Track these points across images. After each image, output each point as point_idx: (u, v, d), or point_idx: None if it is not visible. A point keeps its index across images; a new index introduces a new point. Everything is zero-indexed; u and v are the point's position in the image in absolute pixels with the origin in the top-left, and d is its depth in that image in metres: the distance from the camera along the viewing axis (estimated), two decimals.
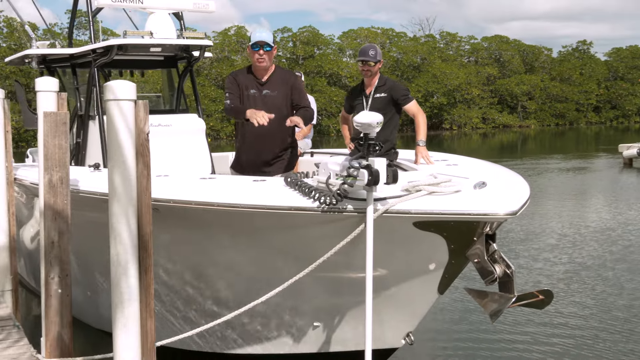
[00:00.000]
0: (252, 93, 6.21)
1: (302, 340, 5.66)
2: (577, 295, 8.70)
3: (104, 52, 8.00)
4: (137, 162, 3.53)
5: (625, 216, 14.69)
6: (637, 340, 7.16)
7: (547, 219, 13.92)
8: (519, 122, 62.20)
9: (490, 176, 5.05)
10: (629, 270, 9.87)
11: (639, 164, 25.79)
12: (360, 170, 4.24)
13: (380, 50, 6.49)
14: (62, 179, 4.71)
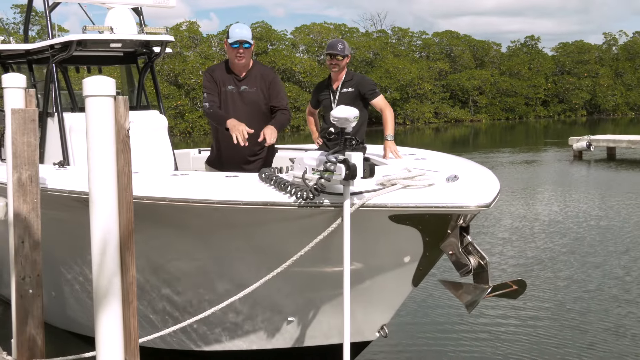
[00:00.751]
0: (229, 89, 6.18)
1: (276, 336, 5.69)
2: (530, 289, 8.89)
3: (63, 48, 7.87)
4: (118, 159, 3.49)
5: (579, 208, 15.05)
6: (587, 330, 7.36)
7: (501, 212, 14.18)
8: (471, 117, 62.98)
9: (461, 170, 5.13)
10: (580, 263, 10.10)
11: (589, 157, 26.42)
12: (337, 164, 4.27)
13: (349, 45, 6.53)
14: (31, 177, 4.66)
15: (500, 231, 12.50)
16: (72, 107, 8.74)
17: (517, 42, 74.84)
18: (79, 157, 7.49)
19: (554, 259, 10.33)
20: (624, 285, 8.86)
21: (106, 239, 3.53)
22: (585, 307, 8.02)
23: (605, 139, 27.27)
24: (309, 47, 60.50)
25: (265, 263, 4.88)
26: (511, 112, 65.41)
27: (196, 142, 40.02)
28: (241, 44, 6.07)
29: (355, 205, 4.41)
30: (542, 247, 11.17)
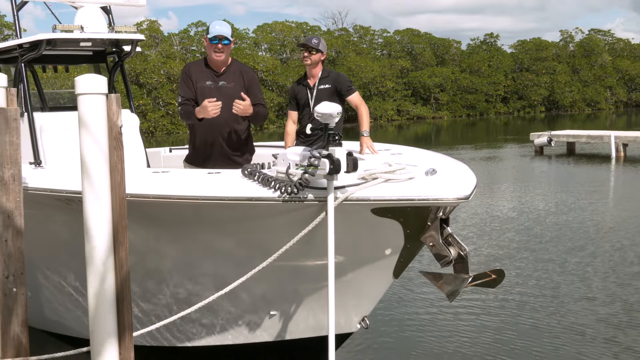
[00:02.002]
0: (207, 85, 6.19)
1: (259, 329, 5.74)
2: None
3: (32, 47, 7.79)
4: (111, 156, 3.53)
5: (542, 204, 15.35)
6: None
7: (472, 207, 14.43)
8: (432, 114, 63.59)
9: (438, 164, 5.22)
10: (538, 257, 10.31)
11: (550, 152, 26.92)
12: (321, 159, 4.36)
13: (325, 44, 6.60)
14: (14, 176, 4.63)
15: (468, 225, 12.72)
16: (42, 107, 8.66)
17: (476, 40, 75.89)
18: (50, 157, 7.44)
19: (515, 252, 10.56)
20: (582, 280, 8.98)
21: (100, 235, 3.56)
22: (541, 302, 8.13)
23: (565, 134, 27.75)
24: (271, 46, 60.52)
25: (250, 258, 4.93)
26: (472, 109, 66.19)
27: (159, 141, 39.72)
28: (220, 39, 6.12)
29: (339, 199, 4.48)
30: (508, 240, 11.41)
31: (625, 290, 8.36)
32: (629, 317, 7.38)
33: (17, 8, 8.34)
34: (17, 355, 4.70)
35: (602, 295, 8.17)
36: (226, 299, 5.21)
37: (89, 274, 3.60)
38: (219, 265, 5.34)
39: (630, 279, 8.83)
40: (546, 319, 7.40)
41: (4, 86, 4.85)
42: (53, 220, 5.93)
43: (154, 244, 5.48)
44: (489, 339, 6.92)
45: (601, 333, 6.94)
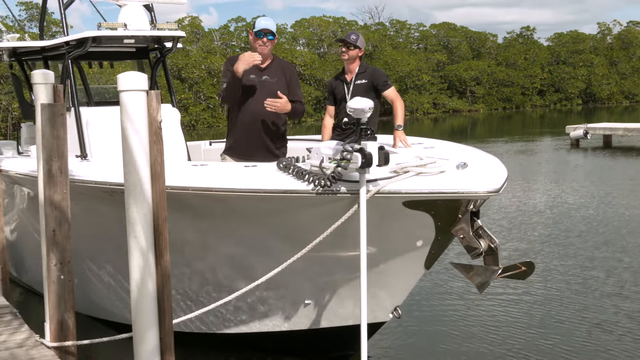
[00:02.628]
0: (251, 77, 6.21)
1: (294, 318, 5.80)
2: None
3: (78, 45, 7.93)
4: (151, 150, 3.60)
5: (577, 196, 15.10)
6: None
7: (505, 200, 14.31)
8: (468, 107, 62.89)
9: (469, 157, 5.21)
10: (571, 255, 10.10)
11: (586, 145, 26.44)
12: (353, 153, 4.39)
13: (363, 39, 6.60)
14: (61, 169, 4.74)
15: (499, 218, 12.62)
16: (88, 101, 8.83)
17: (512, 33, 74.76)
18: (96, 150, 7.58)
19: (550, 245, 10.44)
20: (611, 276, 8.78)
21: (141, 226, 3.64)
22: (568, 296, 8.00)
23: (602, 127, 27.25)
24: (308, 41, 60.38)
25: (284, 249, 4.99)
26: (508, 101, 65.33)
27: (200, 134, 40.00)
28: (265, 34, 6.17)
29: (371, 192, 4.51)
30: (539, 234, 11.26)
31: None
32: None
33: (64, 6, 8.50)
34: (65, 339, 4.83)
35: (631, 292, 7.97)
36: (262, 288, 5.27)
37: (131, 263, 3.69)
38: (254, 256, 5.40)
39: None
40: (574, 315, 7.28)
41: (52, 82, 4.96)
42: (97, 212, 6.06)
43: (193, 235, 5.57)
44: (517, 333, 6.84)
45: (630, 330, 6.78)
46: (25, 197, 7.65)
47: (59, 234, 4.74)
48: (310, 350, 6.03)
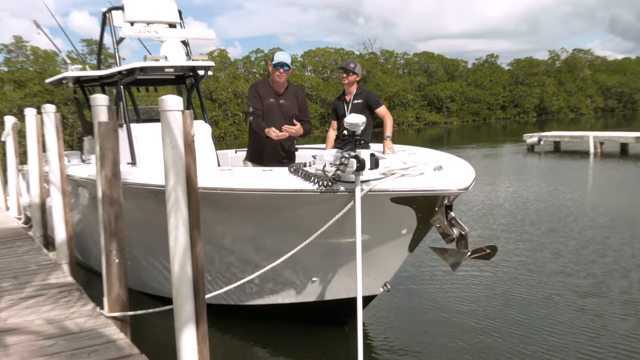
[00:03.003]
0: (270, 102, 6.25)
1: (303, 292, 5.80)
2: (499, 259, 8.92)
3: (128, 73, 7.95)
4: (186, 158, 3.61)
5: (532, 191, 15.07)
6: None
7: (473, 195, 14.26)
8: (444, 120, 62.62)
9: (443, 161, 5.21)
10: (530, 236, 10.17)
11: (539, 149, 26.37)
12: (350, 159, 4.39)
13: (360, 67, 6.60)
14: (115, 174, 4.76)
15: (468, 210, 12.59)
16: (137, 119, 8.83)
17: (480, 60, 74.38)
18: (143, 158, 7.59)
19: (508, 232, 10.41)
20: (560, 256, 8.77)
21: (179, 220, 3.65)
22: (523, 274, 7.94)
23: (552, 135, 27.18)
24: (315, 68, 60.36)
25: (295, 236, 4.99)
26: (476, 115, 65.13)
27: (228, 144, 39.95)
28: (282, 66, 6.19)
29: (364, 190, 4.52)
30: (500, 223, 11.21)
31: (594, 265, 8.11)
32: (595, 287, 7.15)
33: (117, 42, 8.52)
34: (119, 310, 4.84)
35: (574, 270, 7.93)
36: (278, 268, 5.29)
37: (171, 248, 3.69)
38: (271, 242, 5.40)
39: (597, 256, 8.56)
40: (528, 289, 7.23)
41: (107, 104, 4.97)
42: (144, 208, 6.08)
43: (221, 226, 5.58)
44: (482, 304, 6.82)
45: (574, 301, 6.76)
46: (87, 196, 7.67)
47: (115, 226, 4.76)
48: (316, 318, 6.02)
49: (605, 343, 5.59)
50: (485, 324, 6.17)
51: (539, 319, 6.26)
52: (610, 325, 5.99)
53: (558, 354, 5.39)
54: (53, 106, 6.96)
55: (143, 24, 8.03)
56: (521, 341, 5.69)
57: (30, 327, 4.75)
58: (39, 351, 4.24)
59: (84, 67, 9.90)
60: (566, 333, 5.85)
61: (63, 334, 4.57)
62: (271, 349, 5.83)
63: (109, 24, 8.47)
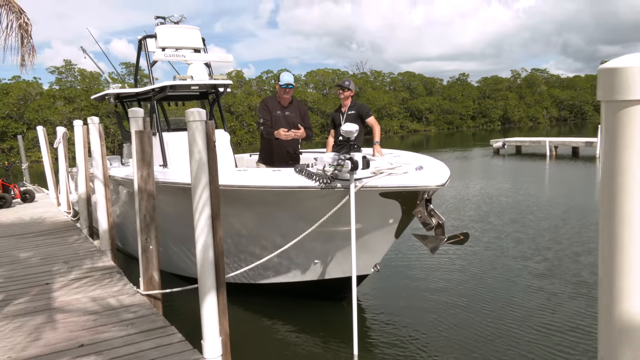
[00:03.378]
0: (278, 114, 6.28)
1: (307, 272, 5.78)
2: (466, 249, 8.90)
3: (160, 90, 7.93)
4: (209, 160, 3.59)
5: (496, 188, 15.05)
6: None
7: (447, 191, 14.24)
8: (424, 128, 62.64)
9: (424, 162, 5.21)
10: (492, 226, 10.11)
11: (503, 152, 26.35)
12: (345, 161, 4.38)
13: (354, 84, 6.56)
14: (149, 174, 4.75)
15: (442, 203, 12.57)
16: (168, 128, 8.80)
17: (453, 78, 74.51)
18: (173, 161, 7.57)
19: (476, 222, 10.38)
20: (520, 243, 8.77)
21: (203, 211, 3.63)
22: (488, 257, 7.93)
23: (515, 140, 27.12)
24: (316, 85, 60.35)
25: (301, 225, 4.98)
26: (450, 124, 65.12)
27: (244, 149, 39.85)
28: (287, 85, 6.21)
29: (358, 187, 4.50)
30: (469, 215, 11.19)
31: (548, 251, 8.06)
32: (550, 270, 7.10)
33: (150, 65, 8.49)
34: (153, 289, 4.83)
35: (531, 255, 7.88)
36: (286, 252, 5.29)
37: (196, 235, 3.67)
38: (281, 230, 5.38)
39: (552, 243, 8.50)
40: (492, 270, 7.20)
41: (142, 116, 4.95)
42: (174, 202, 6.07)
43: (239, 217, 5.56)
44: (454, 283, 6.82)
45: (530, 282, 6.71)
46: (126, 193, 7.65)
47: (149, 217, 4.75)
48: (318, 294, 6.01)
49: (559, 319, 5.55)
50: (458, 299, 6.14)
51: (499, 292, 6.24)
52: (565, 303, 5.95)
53: (519, 326, 5.36)
54: (97, 118, 6.95)
55: (172, 49, 8.01)
56: (488, 314, 5.66)
57: (77, 304, 4.74)
58: (85, 324, 4.23)
59: (123, 86, 9.89)
60: (526, 309, 5.81)
61: (105, 309, 4.56)
62: (280, 320, 5.81)
63: (144, 49, 8.45)
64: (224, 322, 3.79)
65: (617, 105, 1.02)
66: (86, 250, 6.78)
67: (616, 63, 1.04)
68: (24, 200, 11.90)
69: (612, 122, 1.05)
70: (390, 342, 5.07)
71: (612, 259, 1.11)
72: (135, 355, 3.59)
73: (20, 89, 41.83)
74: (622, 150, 1.03)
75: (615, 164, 1.04)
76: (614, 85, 1.03)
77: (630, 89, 1.01)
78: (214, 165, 3.57)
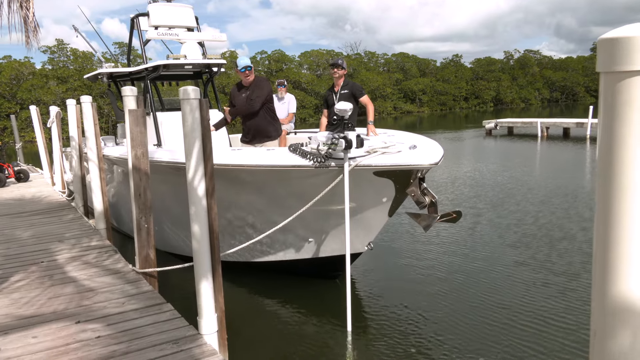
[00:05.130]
0: (241, 96, 6.51)
1: (301, 250, 5.79)
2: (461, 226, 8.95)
3: (154, 70, 7.82)
4: (203, 138, 3.54)
5: (488, 168, 15.08)
6: None
7: (440, 170, 14.26)
8: (417, 109, 62.38)
9: (417, 142, 5.17)
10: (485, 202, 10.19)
11: (496, 133, 26.35)
12: (339, 140, 4.35)
13: (346, 63, 6.50)
14: (143, 153, 4.69)
15: (435, 181, 12.60)
16: (161, 108, 8.70)
17: (447, 59, 73.95)
18: (167, 140, 7.51)
19: (468, 200, 10.43)
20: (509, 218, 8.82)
21: (197, 189, 3.60)
22: (479, 233, 8.00)
23: (507, 121, 27.05)
24: (310, 66, 59.76)
25: (295, 204, 4.96)
26: (444, 105, 64.91)
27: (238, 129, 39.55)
28: (246, 68, 6.36)
29: (351, 165, 4.49)
30: (460, 192, 11.22)
31: (537, 230, 8.08)
32: (535, 249, 7.12)
33: (143, 44, 8.35)
34: (148, 267, 4.82)
35: (517, 236, 7.87)
36: (280, 230, 5.28)
37: (191, 214, 3.65)
38: (275, 208, 5.37)
39: (542, 217, 8.60)
40: (480, 247, 7.24)
41: (135, 95, 4.88)
42: (169, 181, 6.03)
43: (233, 195, 5.54)
44: (445, 256, 6.88)
45: (523, 257, 6.78)
46: (120, 172, 7.59)
47: (143, 196, 4.71)
48: (312, 272, 6.03)
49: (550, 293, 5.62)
50: (450, 275, 6.19)
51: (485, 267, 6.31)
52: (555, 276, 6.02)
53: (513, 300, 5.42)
54: (89, 97, 6.85)
55: (165, 28, 7.88)
56: (481, 290, 5.72)
57: (73, 281, 4.73)
58: (81, 301, 4.22)
59: (116, 65, 9.71)
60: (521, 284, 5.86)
61: (102, 286, 4.55)
62: (275, 298, 5.84)
63: (137, 28, 8.30)
64: (219, 298, 3.79)
65: (617, 77, 1.00)
66: (81, 229, 6.75)
67: (617, 33, 1.01)
68: (18, 180, 11.80)
69: (611, 94, 1.02)
70: (383, 318, 5.12)
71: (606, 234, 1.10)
72: (131, 331, 3.59)
73: (13, 69, 41.17)
74: (620, 122, 1.01)
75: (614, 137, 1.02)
76: (614, 55, 1.00)
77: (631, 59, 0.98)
78: (208, 144, 3.53)
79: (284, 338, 4.82)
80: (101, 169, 6.70)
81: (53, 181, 11.31)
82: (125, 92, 4.85)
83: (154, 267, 4.81)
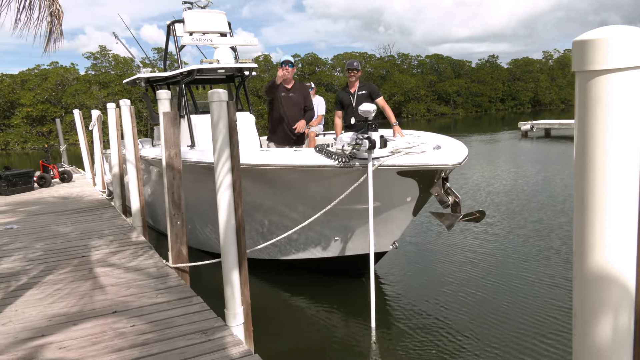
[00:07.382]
0: (282, 95, 6.45)
1: (327, 249, 5.89)
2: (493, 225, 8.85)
3: (188, 74, 8.07)
4: (231, 139, 3.71)
5: (525, 171, 14.78)
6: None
7: (471, 174, 14.07)
8: (452, 111, 61.55)
9: (442, 142, 5.21)
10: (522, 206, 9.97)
11: (532, 135, 25.75)
12: (363, 140, 4.45)
13: (360, 64, 6.57)
14: (176, 154, 4.90)
15: (461, 181, 12.45)
16: (195, 111, 8.98)
17: (482, 60, 72.60)
18: (200, 141, 7.74)
19: (502, 204, 10.29)
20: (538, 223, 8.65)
21: (225, 188, 3.75)
22: (509, 235, 7.87)
23: (544, 123, 26.41)
24: (342, 69, 59.83)
25: (320, 202, 5.07)
26: (479, 107, 63.75)
27: None
28: (286, 63, 6.44)
29: (375, 165, 4.57)
30: (495, 197, 11.09)
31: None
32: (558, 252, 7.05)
33: (179, 49, 8.65)
34: (181, 262, 5.03)
35: (555, 234, 7.77)
36: (307, 228, 5.40)
37: (220, 213, 3.81)
38: (302, 207, 5.48)
39: None
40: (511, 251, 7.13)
41: (169, 98, 5.09)
42: (200, 180, 6.24)
43: (261, 194, 5.69)
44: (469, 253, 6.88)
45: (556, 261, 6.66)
46: (156, 173, 7.89)
47: (177, 195, 4.91)
48: (337, 270, 6.12)
49: None
50: (479, 276, 6.16)
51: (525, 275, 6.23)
52: None
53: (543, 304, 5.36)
54: (128, 101, 7.16)
55: (200, 34, 8.12)
56: (509, 293, 5.67)
57: (111, 274, 4.99)
58: (118, 293, 4.47)
59: (153, 70, 10.08)
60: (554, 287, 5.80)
61: (137, 280, 4.79)
62: (300, 294, 5.95)
63: (173, 34, 8.59)
64: (245, 292, 3.94)
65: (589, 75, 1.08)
66: (119, 226, 7.07)
67: (588, 35, 1.10)
68: (62, 180, 12.39)
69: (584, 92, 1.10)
70: (408, 315, 5.17)
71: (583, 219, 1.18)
72: (163, 321, 3.80)
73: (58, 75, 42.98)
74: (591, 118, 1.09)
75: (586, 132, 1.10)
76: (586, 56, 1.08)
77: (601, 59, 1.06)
78: (235, 144, 3.69)
79: (309, 332, 4.94)
80: (138, 170, 7.00)
81: (94, 181, 11.82)
82: (160, 96, 5.08)
83: (185, 262, 5.02)
